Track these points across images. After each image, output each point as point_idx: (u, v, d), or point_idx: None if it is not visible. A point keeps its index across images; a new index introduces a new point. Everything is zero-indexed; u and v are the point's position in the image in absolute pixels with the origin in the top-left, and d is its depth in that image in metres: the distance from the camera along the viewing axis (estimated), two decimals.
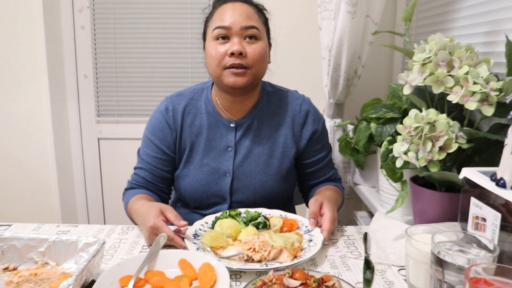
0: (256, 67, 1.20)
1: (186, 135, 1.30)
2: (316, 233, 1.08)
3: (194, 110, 1.31)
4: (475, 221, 0.86)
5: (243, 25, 1.18)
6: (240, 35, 1.18)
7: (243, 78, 1.19)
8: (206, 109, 1.31)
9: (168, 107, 1.31)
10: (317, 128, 1.35)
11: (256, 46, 1.20)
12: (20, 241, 0.92)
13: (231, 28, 1.18)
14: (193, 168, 1.29)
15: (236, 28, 1.18)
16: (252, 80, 1.21)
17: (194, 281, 0.87)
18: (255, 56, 1.19)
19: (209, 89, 1.33)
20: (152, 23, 2.35)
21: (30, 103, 2.30)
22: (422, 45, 1.09)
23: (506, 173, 0.80)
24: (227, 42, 1.19)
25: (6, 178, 2.39)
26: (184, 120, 1.30)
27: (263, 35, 1.24)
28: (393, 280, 0.92)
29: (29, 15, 2.20)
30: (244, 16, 1.19)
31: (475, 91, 0.97)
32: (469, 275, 0.65)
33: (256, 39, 1.21)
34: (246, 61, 1.18)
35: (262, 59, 1.22)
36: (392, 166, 1.15)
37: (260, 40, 1.22)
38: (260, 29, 1.22)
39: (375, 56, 2.02)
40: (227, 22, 1.18)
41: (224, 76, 1.19)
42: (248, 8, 1.21)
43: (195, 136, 1.30)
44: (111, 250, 1.06)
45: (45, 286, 0.80)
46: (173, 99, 1.33)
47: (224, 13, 1.20)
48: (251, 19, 1.20)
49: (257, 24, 1.21)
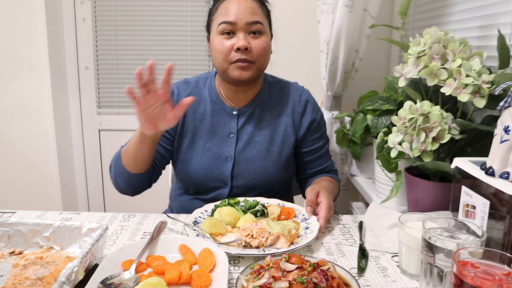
0: (260, 61, 1.25)
1: (189, 120, 1.34)
2: (312, 221, 1.11)
3: (198, 97, 1.36)
4: (465, 209, 0.89)
5: (248, 21, 1.21)
6: (245, 30, 1.22)
7: (248, 71, 1.23)
8: (210, 96, 1.35)
9: (173, 91, 1.36)
10: (315, 117, 1.39)
11: (261, 41, 1.23)
12: (25, 226, 0.95)
13: (236, 23, 1.21)
14: (195, 153, 1.33)
15: (241, 24, 1.21)
16: (256, 73, 1.26)
17: (194, 265, 0.90)
18: (260, 51, 1.23)
19: (213, 78, 1.38)
20: (153, 15, 2.36)
21: (31, 95, 2.32)
22: (417, 39, 1.11)
23: (495, 162, 0.83)
24: (232, 37, 1.22)
25: (8, 168, 2.42)
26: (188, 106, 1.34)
27: (267, 29, 1.27)
28: (386, 266, 0.95)
29: (30, 7, 2.21)
30: (249, 12, 1.21)
31: (468, 83, 0.99)
32: (457, 258, 0.68)
33: (260, 34, 1.24)
34: (251, 55, 1.22)
35: (266, 53, 1.26)
36: (387, 156, 1.18)
37: (264, 34, 1.25)
38: (264, 23, 1.25)
39: (373, 49, 2.05)
40: (233, 17, 1.21)
41: (230, 70, 1.23)
42: (252, 2, 1.24)
43: (199, 122, 1.34)
44: (113, 236, 1.09)
45: (51, 269, 0.83)
46: (180, 85, 1.38)
47: (229, 7, 1.22)
48: (256, 14, 1.23)
49: (261, 19, 1.24)
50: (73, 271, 0.75)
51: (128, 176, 1.26)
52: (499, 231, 0.80)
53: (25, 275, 0.80)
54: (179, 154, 1.36)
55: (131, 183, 1.28)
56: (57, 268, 0.83)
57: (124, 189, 1.31)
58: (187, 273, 0.84)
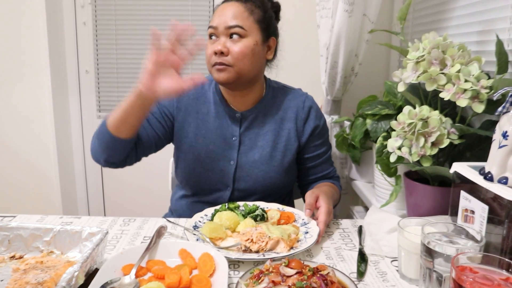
0: (239, 65, 1.23)
1: (192, 120, 1.35)
2: (312, 225, 1.11)
3: (203, 98, 1.37)
4: (464, 214, 0.90)
5: (227, 25, 1.22)
6: (225, 34, 1.23)
7: (224, 74, 1.24)
8: (214, 99, 1.36)
9: None
10: (319, 124, 1.39)
11: (239, 44, 1.23)
12: (26, 230, 0.95)
13: (217, 28, 1.24)
14: (198, 154, 1.33)
15: (221, 28, 1.23)
16: (236, 76, 1.24)
17: (194, 270, 0.90)
18: (237, 55, 1.23)
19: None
20: (153, 20, 2.37)
21: (32, 98, 2.33)
22: (416, 44, 1.12)
23: (494, 167, 0.83)
24: (215, 41, 1.25)
25: (9, 172, 2.42)
26: (191, 105, 1.36)
27: (252, 33, 1.25)
28: (385, 271, 0.95)
29: (31, 11, 2.22)
30: (231, 16, 1.23)
31: (466, 88, 1.00)
32: (456, 264, 0.69)
33: (240, 38, 1.23)
34: (227, 59, 1.23)
35: (245, 56, 1.24)
36: (386, 161, 1.18)
37: (246, 38, 1.24)
38: (247, 27, 1.24)
39: (372, 54, 2.05)
40: (215, 22, 1.24)
41: (212, 73, 1.27)
42: (238, 7, 1.25)
43: (202, 123, 1.35)
44: (113, 240, 1.09)
45: (51, 273, 0.83)
46: None
47: (216, 13, 1.27)
48: (238, 18, 1.23)
49: (244, 23, 1.23)
50: (73, 276, 0.76)
51: (108, 137, 1.19)
52: (497, 236, 0.80)
53: (26, 280, 0.80)
54: (181, 153, 1.36)
55: (107, 146, 1.21)
56: (57, 272, 0.83)
57: (98, 152, 1.24)
58: (187, 277, 0.84)
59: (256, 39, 1.26)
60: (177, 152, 1.38)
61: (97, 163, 1.30)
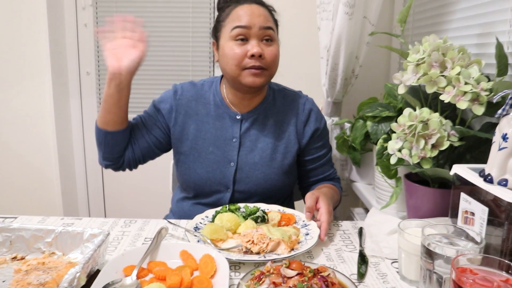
0: (272, 68, 1.27)
1: (191, 122, 1.35)
2: (312, 227, 1.11)
3: (202, 100, 1.37)
4: (464, 216, 0.90)
5: (262, 25, 1.22)
6: (258, 36, 1.23)
7: (261, 78, 1.24)
8: (214, 100, 1.36)
9: (177, 91, 1.37)
10: (319, 126, 1.39)
11: (273, 48, 1.25)
12: (27, 231, 0.96)
13: (251, 28, 1.22)
14: (198, 155, 1.34)
15: (255, 29, 1.22)
16: (267, 80, 1.28)
17: (195, 271, 0.91)
18: (272, 58, 1.24)
19: (218, 82, 1.39)
20: (154, 21, 2.38)
21: (33, 100, 2.33)
22: (417, 46, 1.12)
23: (494, 169, 0.83)
24: (245, 44, 1.23)
25: (9, 173, 2.43)
26: (190, 107, 1.36)
27: (277, 37, 1.29)
28: (386, 272, 0.95)
29: (33, 13, 2.23)
30: (263, 18, 1.23)
31: (466, 91, 1.00)
32: (456, 265, 0.69)
33: (272, 41, 1.26)
34: (264, 62, 1.23)
35: (277, 60, 1.28)
36: (387, 163, 1.19)
37: (275, 42, 1.27)
38: (274, 30, 1.27)
39: (373, 56, 2.06)
40: (247, 22, 1.22)
41: (243, 76, 1.24)
42: (264, 10, 1.26)
43: (202, 124, 1.35)
44: (114, 242, 1.09)
45: (53, 274, 0.83)
46: (184, 86, 1.39)
47: (242, 13, 1.23)
48: (269, 20, 1.25)
49: (272, 25, 1.26)
50: (75, 277, 0.76)
51: (99, 134, 1.29)
52: (497, 238, 0.81)
53: (28, 281, 0.81)
54: (181, 155, 1.37)
55: (99, 142, 1.30)
56: (59, 273, 0.84)
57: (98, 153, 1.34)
58: (188, 278, 0.84)
59: (278, 43, 1.30)
60: (177, 154, 1.38)
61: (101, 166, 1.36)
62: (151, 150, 1.38)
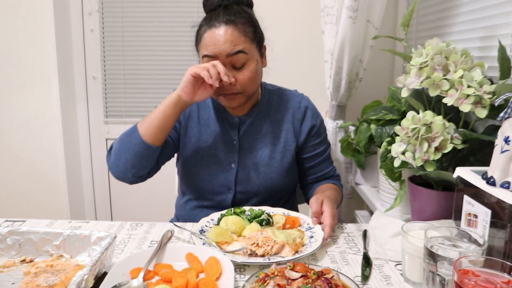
0: (248, 89, 1.26)
1: (194, 125, 1.37)
2: (317, 230, 1.12)
3: (203, 104, 1.39)
4: (467, 218, 0.91)
5: (229, 53, 1.19)
6: (227, 62, 1.20)
7: (237, 100, 1.26)
8: (213, 104, 1.39)
9: None
10: (315, 123, 1.41)
11: (245, 72, 1.22)
12: (36, 234, 0.98)
13: (217, 57, 1.19)
14: (200, 158, 1.36)
15: (222, 57, 1.19)
16: (246, 99, 1.28)
17: (200, 273, 0.92)
18: (245, 82, 1.23)
19: None
20: (159, 26, 2.40)
21: (40, 104, 2.36)
22: (420, 50, 1.13)
23: (496, 172, 0.84)
24: None
25: (17, 177, 2.45)
26: (192, 110, 1.38)
27: (252, 55, 1.24)
28: (390, 274, 0.96)
29: (40, 19, 2.26)
30: (229, 43, 1.19)
31: (469, 94, 1.01)
32: (458, 267, 0.70)
33: (244, 65, 1.22)
34: (237, 88, 1.23)
35: (253, 80, 1.25)
36: (390, 166, 1.19)
37: (249, 62, 1.23)
38: (248, 50, 1.22)
39: (377, 60, 2.06)
40: (213, 51, 1.19)
41: (220, 100, 1.28)
42: (233, 32, 1.20)
43: (203, 127, 1.37)
44: (121, 244, 1.11)
45: (61, 277, 0.85)
46: None
47: (210, 41, 1.20)
48: (237, 43, 1.19)
49: (244, 45, 1.21)
50: (83, 279, 0.77)
51: (142, 147, 1.21)
52: (500, 240, 0.81)
53: (37, 283, 0.82)
54: (183, 159, 1.38)
55: (141, 158, 1.22)
56: (67, 276, 0.85)
57: (127, 168, 1.24)
58: (194, 281, 0.85)
59: (256, 58, 1.26)
60: (181, 158, 1.40)
61: (120, 181, 1.30)
62: (170, 155, 1.39)
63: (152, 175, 1.33)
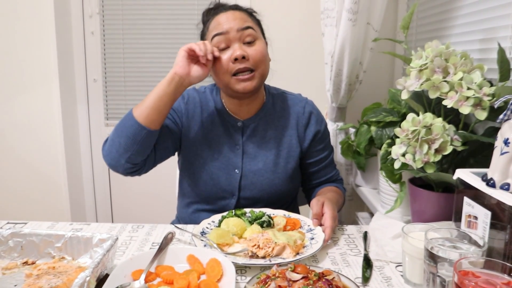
0: (261, 67, 1.25)
1: (197, 129, 1.36)
2: (318, 231, 1.12)
3: (206, 107, 1.38)
4: (467, 219, 0.91)
5: (239, 27, 1.22)
6: (238, 39, 1.22)
7: (251, 82, 1.23)
8: (216, 107, 1.37)
9: (184, 96, 1.38)
10: (320, 129, 1.40)
11: (256, 47, 1.24)
12: (38, 237, 0.98)
13: (228, 32, 1.22)
14: (204, 162, 1.34)
15: (233, 32, 1.22)
16: (260, 81, 1.26)
17: (202, 275, 0.92)
18: (258, 57, 1.23)
19: (219, 90, 1.39)
20: (160, 29, 2.41)
21: (41, 107, 2.37)
22: (419, 52, 1.13)
23: (496, 174, 0.84)
24: (228, 50, 1.23)
25: (18, 180, 2.46)
26: (195, 111, 1.37)
27: (260, 35, 1.29)
28: (390, 276, 0.96)
29: (40, 21, 2.27)
30: (239, 20, 1.23)
31: (469, 96, 1.01)
32: (458, 268, 0.70)
33: (255, 40, 1.25)
34: (250, 63, 1.22)
35: (264, 58, 1.26)
36: (391, 167, 1.20)
37: (258, 40, 1.26)
38: (256, 29, 1.27)
39: (377, 62, 2.07)
40: (224, 28, 1.22)
41: (233, 84, 1.23)
42: (240, 13, 1.27)
43: (206, 131, 1.35)
44: (122, 246, 1.11)
45: (63, 279, 0.85)
46: (190, 91, 1.40)
47: (219, 21, 1.24)
48: (246, 21, 1.25)
49: (252, 25, 1.26)
50: (85, 281, 0.78)
51: (135, 129, 1.18)
52: (500, 241, 0.82)
53: (39, 285, 0.83)
54: (186, 162, 1.38)
55: (134, 141, 1.18)
56: (69, 278, 0.86)
57: (120, 152, 1.20)
58: (195, 282, 0.86)
59: (263, 41, 1.29)
60: (183, 162, 1.39)
61: (113, 170, 1.26)
62: (168, 151, 1.34)
63: (147, 169, 1.29)
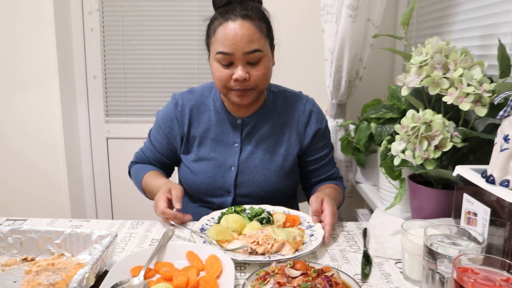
0: (261, 86, 1.25)
1: (194, 130, 1.37)
2: (317, 228, 1.12)
3: (203, 107, 1.38)
4: (467, 216, 0.91)
5: (245, 51, 1.18)
6: (243, 59, 1.19)
7: (248, 97, 1.25)
8: (214, 106, 1.37)
9: (178, 102, 1.38)
10: (320, 127, 1.40)
11: (260, 68, 1.22)
12: (37, 233, 0.98)
13: (233, 54, 1.18)
14: (200, 161, 1.36)
15: (238, 54, 1.18)
16: (257, 97, 1.28)
17: (201, 271, 0.92)
18: (259, 78, 1.22)
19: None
20: (159, 25, 2.40)
21: (41, 104, 2.36)
22: (420, 48, 1.13)
23: (496, 170, 0.84)
24: (230, 67, 1.21)
25: (18, 176, 2.46)
26: (193, 116, 1.37)
27: (266, 51, 1.23)
28: (389, 272, 0.96)
29: (40, 18, 2.26)
30: (246, 40, 1.17)
31: (469, 92, 1.01)
32: (457, 265, 0.70)
33: (259, 61, 1.22)
34: (250, 83, 1.22)
35: (266, 77, 1.25)
36: (390, 164, 1.20)
37: (263, 60, 1.22)
38: (263, 47, 1.21)
39: (377, 58, 2.06)
40: (230, 48, 1.18)
41: (230, 96, 1.25)
42: (250, 27, 1.18)
43: (204, 131, 1.36)
44: (122, 243, 1.11)
45: (62, 275, 0.85)
46: (184, 96, 1.40)
47: (226, 36, 1.18)
48: (253, 41, 1.18)
49: (259, 44, 1.20)
50: (84, 277, 0.78)
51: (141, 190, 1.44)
52: (500, 238, 0.82)
53: (38, 281, 0.83)
54: (184, 161, 1.39)
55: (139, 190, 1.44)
56: (68, 274, 0.86)
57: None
58: (195, 279, 0.86)
59: (269, 55, 1.26)
60: (181, 160, 1.41)
61: None
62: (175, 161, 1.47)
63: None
